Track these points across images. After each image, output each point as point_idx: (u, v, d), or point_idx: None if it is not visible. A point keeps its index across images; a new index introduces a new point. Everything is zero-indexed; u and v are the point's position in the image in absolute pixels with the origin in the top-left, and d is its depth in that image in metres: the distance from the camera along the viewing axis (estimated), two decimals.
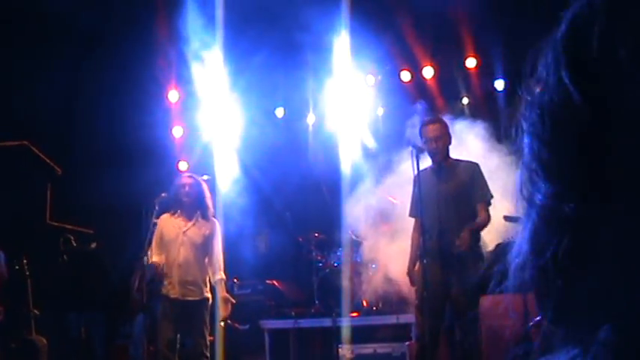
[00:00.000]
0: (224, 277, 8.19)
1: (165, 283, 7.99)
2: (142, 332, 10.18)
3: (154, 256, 8.06)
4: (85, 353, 9.26)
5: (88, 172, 11.59)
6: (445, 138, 7.25)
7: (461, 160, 7.32)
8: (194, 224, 8.10)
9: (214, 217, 8.35)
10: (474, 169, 7.16)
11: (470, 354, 6.87)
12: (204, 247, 8.08)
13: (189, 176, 8.39)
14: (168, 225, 8.08)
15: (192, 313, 7.91)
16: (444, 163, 7.19)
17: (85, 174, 11.43)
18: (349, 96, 11.98)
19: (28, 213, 8.79)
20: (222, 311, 8.15)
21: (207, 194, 8.26)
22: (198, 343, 7.86)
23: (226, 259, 8.45)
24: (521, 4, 10.71)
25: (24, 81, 10.80)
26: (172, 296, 7.92)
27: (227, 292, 8.24)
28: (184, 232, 8.04)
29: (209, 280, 8.15)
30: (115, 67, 11.47)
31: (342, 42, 11.22)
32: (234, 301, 8.27)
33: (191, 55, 11.87)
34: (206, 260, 8.13)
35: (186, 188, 8.10)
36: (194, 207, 8.12)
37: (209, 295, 8.08)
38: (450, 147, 7.42)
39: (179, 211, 8.12)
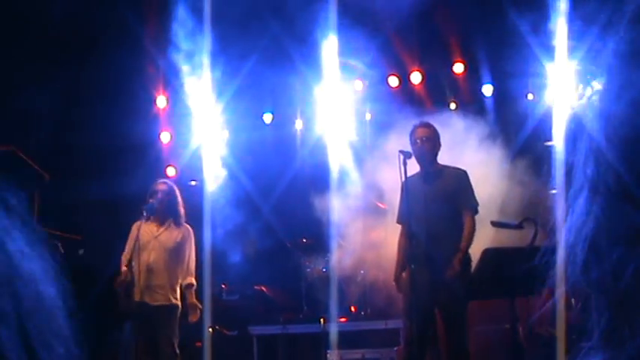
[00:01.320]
0: (194, 282, 8.19)
1: (135, 288, 7.99)
2: (132, 338, 10.17)
3: (123, 265, 8.08)
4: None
5: (76, 178, 11.56)
6: (434, 142, 7.24)
7: (448, 166, 7.32)
8: (166, 229, 8.12)
9: (187, 223, 8.34)
10: (461, 175, 7.16)
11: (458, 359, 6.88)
12: (175, 253, 8.08)
13: (163, 182, 8.40)
14: (142, 231, 8.08)
15: (160, 318, 7.89)
16: (430, 167, 7.19)
17: (73, 180, 11.40)
18: (337, 102, 11.98)
19: (15, 220, 8.76)
20: (190, 317, 8.17)
21: (180, 201, 8.28)
22: (166, 351, 7.84)
23: (214, 265, 8.44)
24: (509, 10, 10.74)
25: (10, 87, 10.77)
26: (140, 300, 7.92)
27: (194, 300, 8.23)
28: (156, 237, 8.06)
29: (179, 287, 8.15)
30: (102, 73, 11.45)
31: (329, 48, 11.21)
32: (200, 307, 8.21)
33: (179, 61, 11.86)
34: (178, 267, 8.13)
35: (159, 195, 8.11)
36: (166, 213, 8.14)
37: (178, 302, 8.07)
38: (440, 153, 7.43)
39: (152, 217, 8.12)
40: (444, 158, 7.63)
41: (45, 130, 11.31)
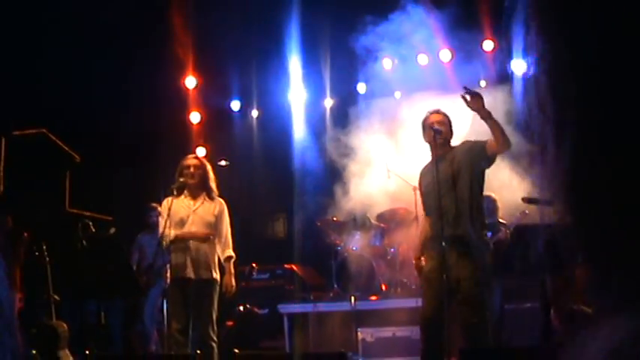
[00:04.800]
0: (233, 255, 8.13)
1: (174, 263, 7.96)
2: (147, 316, 10.27)
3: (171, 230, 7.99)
4: (105, 339, 9.31)
5: (107, 159, 11.64)
6: (447, 127, 7.19)
7: (457, 145, 7.28)
8: (202, 204, 8.08)
9: (220, 197, 8.28)
10: (465, 143, 7.13)
11: (478, 335, 6.82)
12: (214, 226, 8.04)
13: (194, 157, 8.35)
14: (177, 206, 8.02)
15: (200, 293, 7.84)
16: (442, 152, 7.14)
17: (104, 161, 11.48)
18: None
19: (48, 200, 8.83)
20: (226, 291, 8.08)
21: (211, 175, 8.21)
22: (205, 327, 7.77)
23: (244, 245, 8.44)
24: None
25: (43, 69, 10.84)
26: (182, 276, 7.89)
27: (234, 275, 8.16)
28: (194, 211, 8.03)
29: (218, 260, 8.10)
30: (132, 53, 11.49)
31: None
32: (233, 283, 8.15)
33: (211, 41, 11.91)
34: (215, 240, 8.13)
35: (191, 169, 8.07)
36: (199, 188, 8.11)
37: (217, 276, 8.04)
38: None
39: (185, 192, 8.11)
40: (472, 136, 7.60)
41: (73, 112, 11.38)
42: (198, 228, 7.98)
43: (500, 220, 9.18)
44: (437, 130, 6.94)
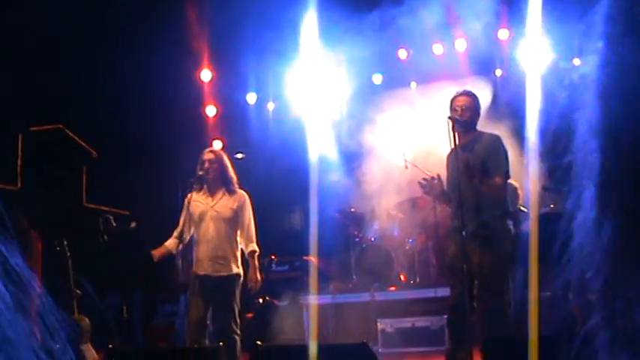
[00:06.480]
0: (257, 249, 8.00)
1: (195, 260, 7.94)
2: (186, 311, 10.27)
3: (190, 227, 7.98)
4: (126, 333, 9.33)
5: (123, 153, 11.66)
6: (473, 110, 7.15)
7: (483, 133, 7.22)
8: (221, 198, 7.96)
9: (241, 188, 8.17)
10: (493, 141, 7.08)
11: (497, 322, 6.79)
12: (233, 221, 7.93)
13: (210, 151, 8.20)
14: (196, 202, 7.96)
15: (222, 289, 7.76)
16: (468, 136, 7.10)
17: (120, 156, 11.50)
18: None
19: (65, 195, 8.84)
20: (250, 288, 8.00)
21: (229, 167, 8.09)
22: (228, 320, 7.70)
23: (263, 237, 8.38)
24: None
25: (58, 64, 10.86)
26: (202, 273, 7.80)
27: (259, 268, 8.03)
28: (212, 206, 7.94)
29: (240, 254, 8.04)
30: (148, 47, 11.49)
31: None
32: (259, 277, 7.98)
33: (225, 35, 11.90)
34: (237, 234, 8.01)
35: (207, 164, 7.95)
36: (218, 182, 8.00)
37: (240, 270, 7.93)
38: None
39: (205, 187, 8.06)
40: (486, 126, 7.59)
41: (90, 107, 11.40)
42: (217, 224, 7.90)
43: (522, 208, 9.14)
44: (455, 119, 6.90)
